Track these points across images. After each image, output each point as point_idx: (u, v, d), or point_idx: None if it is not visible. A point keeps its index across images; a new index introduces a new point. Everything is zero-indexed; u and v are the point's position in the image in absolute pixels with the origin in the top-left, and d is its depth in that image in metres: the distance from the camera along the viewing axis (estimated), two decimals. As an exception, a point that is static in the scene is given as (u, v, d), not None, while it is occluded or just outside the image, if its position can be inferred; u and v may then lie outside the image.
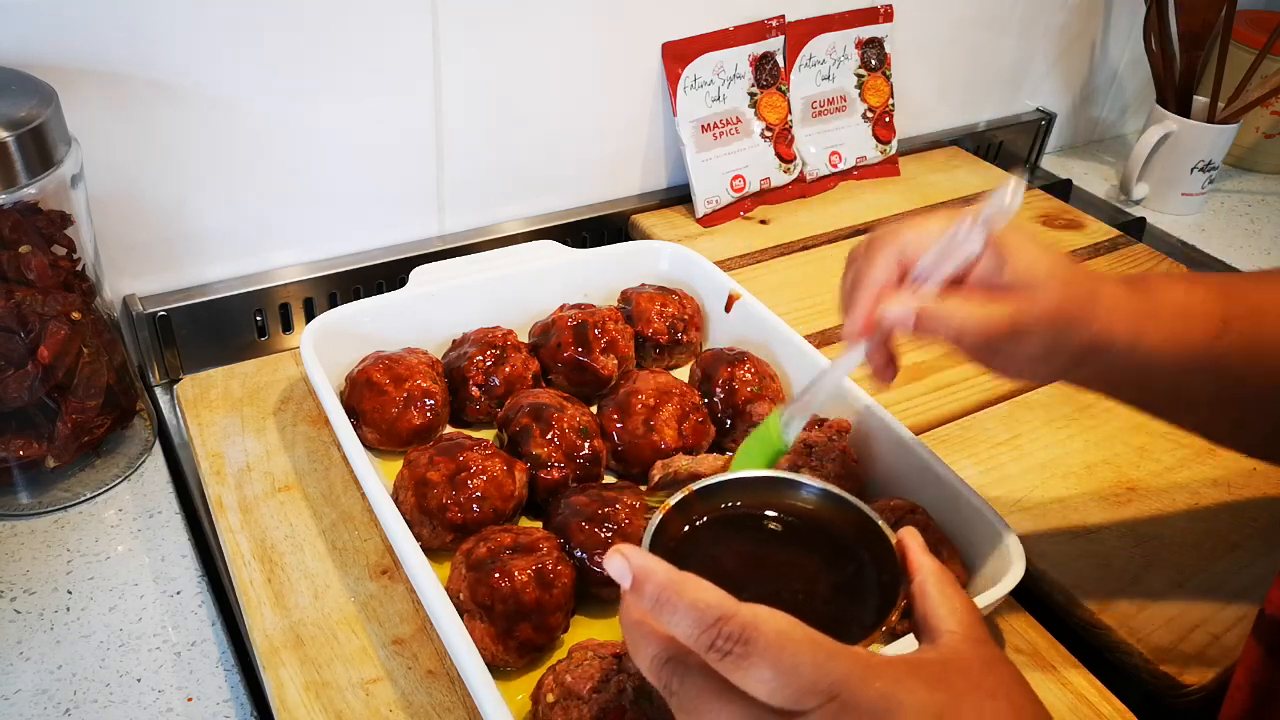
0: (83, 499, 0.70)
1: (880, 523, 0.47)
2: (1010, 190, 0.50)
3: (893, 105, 1.15)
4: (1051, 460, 0.76)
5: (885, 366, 0.54)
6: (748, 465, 0.55)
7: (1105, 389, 0.58)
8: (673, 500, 0.48)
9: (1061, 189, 1.30)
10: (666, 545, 0.46)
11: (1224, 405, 0.57)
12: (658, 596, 0.39)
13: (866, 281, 0.52)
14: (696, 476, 0.55)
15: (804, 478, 0.49)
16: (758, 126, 1.05)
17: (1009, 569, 0.57)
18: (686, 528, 0.48)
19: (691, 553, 0.46)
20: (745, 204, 1.06)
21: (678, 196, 1.06)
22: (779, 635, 0.37)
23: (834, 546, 0.48)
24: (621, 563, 0.40)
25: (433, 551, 0.62)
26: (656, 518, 0.46)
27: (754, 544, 0.48)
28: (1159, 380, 0.55)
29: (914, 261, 0.52)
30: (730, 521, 0.49)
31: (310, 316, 0.85)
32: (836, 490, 0.49)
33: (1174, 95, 1.19)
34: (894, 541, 0.46)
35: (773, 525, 0.49)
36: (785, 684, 0.36)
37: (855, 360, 0.53)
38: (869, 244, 0.54)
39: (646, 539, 0.45)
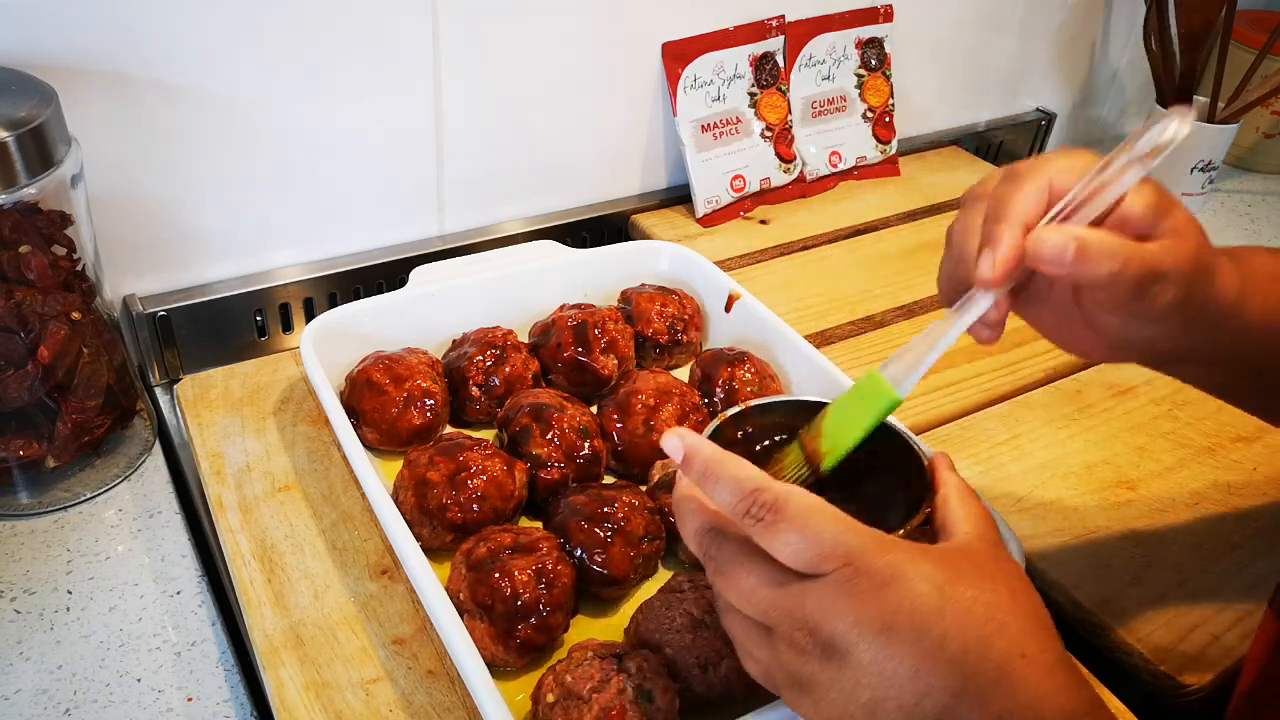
0: (83, 499, 0.70)
1: (915, 443, 0.52)
2: (1175, 123, 0.45)
3: (893, 105, 1.15)
4: (1051, 460, 0.76)
5: (999, 322, 0.49)
6: (843, 429, 0.50)
7: (1184, 362, 0.55)
8: (730, 411, 0.53)
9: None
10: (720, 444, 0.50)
11: None
12: (705, 469, 0.44)
13: (1012, 212, 0.46)
14: None
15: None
16: (758, 126, 1.05)
17: (1009, 569, 0.57)
18: (739, 434, 0.53)
19: (739, 448, 0.50)
20: (745, 204, 1.06)
21: (678, 196, 1.06)
22: (806, 507, 0.42)
23: (872, 465, 0.51)
24: (676, 440, 0.45)
25: (433, 551, 0.62)
26: (714, 424, 0.52)
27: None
28: (1250, 353, 0.53)
29: (1063, 194, 0.46)
30: (777, 435, 0.53)
31: (310, 316, 0.85)
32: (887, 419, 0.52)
33: (1174, 95, 1.19)
34: (926, 461, 0.50)
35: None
36: (807, 548, 0.41)
37: (984, 306, 0.47)
38: (1008, 175, 0.48)
39: (705, 434, 0.49)
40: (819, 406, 0.53)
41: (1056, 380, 0.85)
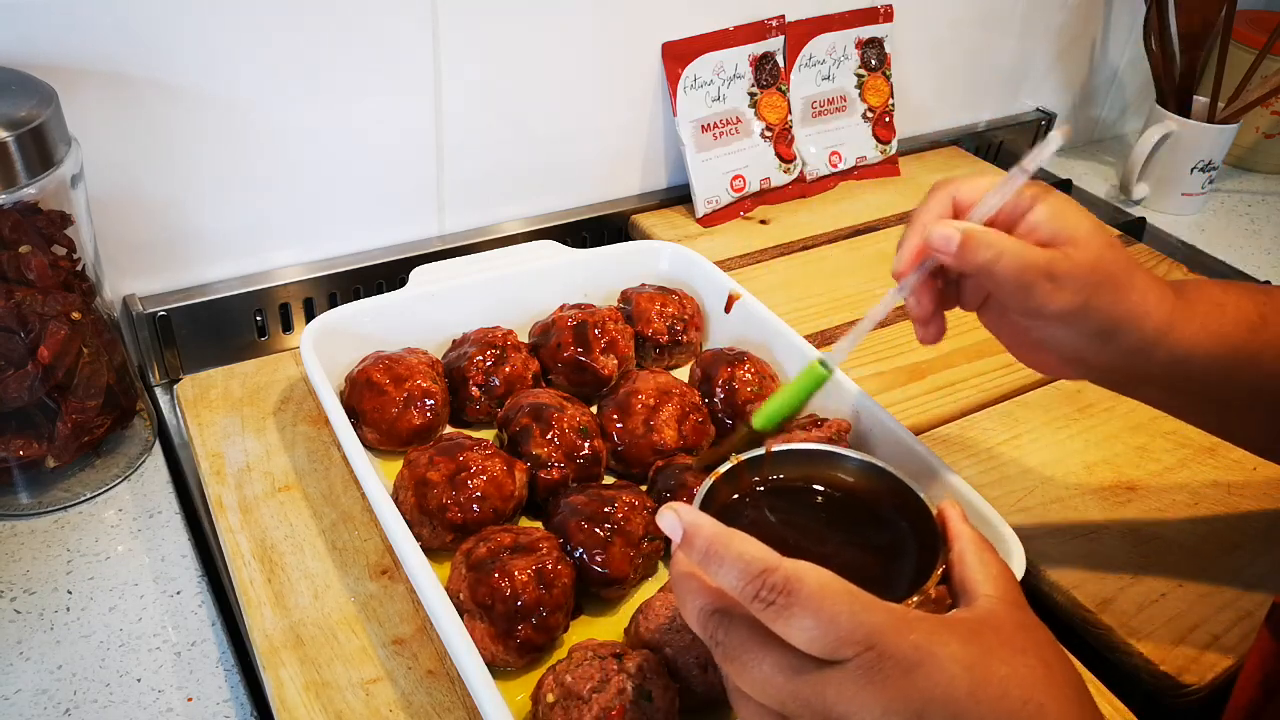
0: (83, 499, 0.70)
1: (921, 494, 0.49)
2: (1055, 137, 0.52)
3: (893, 105, 1.15)
4: (1051, 460, 0.76)
5: (930, 317, 0.55)
6: (773, 403, 0.53)
7: (1132, 383, 0.58)
8: (722, 469, 0.50)
9: (1061, 189, 1.30)
10: (715, 510, 0.48)
11: (1259, 407, 0.57)
12: (706, 550, 0.41)
13: (918, 219, 0.53)
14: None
15: (847, 451, 0.51)
16: (758, 126, 1.05)
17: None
18: (734, 495, 0.50)
19: (738, 517, 0.47)
20: (745, 204, 1.06)
21: (678, 196, 1.06)
22: (820, 587, 0.39)
23: (875, 516, 0.49)
24: (673, 518, 0.43)
25: (433, 551, 0.62)
26: (707, 484, 0.49)
27: (798, 511, 0.50)
28: (1191, 377, 0.55)
29: (967, 205, 0.53)
30: (775, 491, 0.51)
31: (310, 316, 0.85)
32: (879, 463, 0.51)
33: (1174, 95, 1.19)
34: (934, 512, 0.47)
35: (816, 495, 0.51)
36: (824, 633, 0.38)
37: (895, 299, 0.53)
38: (928, 192, 0.55)
39: (696, 502, 0.47)
40: (811, 455, 0.52)
41: (1056, 380, 0.85)
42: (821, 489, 0.51)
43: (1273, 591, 0.66)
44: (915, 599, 0.43)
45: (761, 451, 0.51)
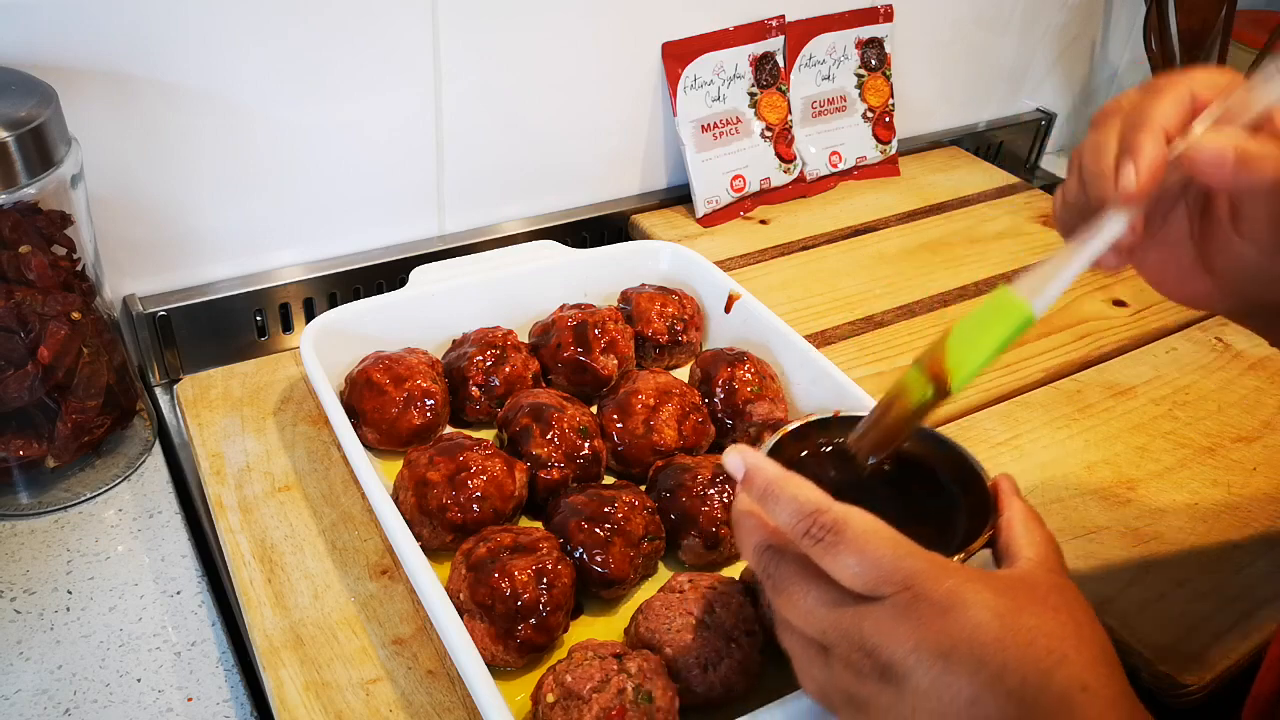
0: (83, 499, 0.70)
1: (978, 466, 0.51)
2: None
3: (893, 105, 1.15)
4: (1051, 460, 0.76)
5: (1132, 247, 0.46)
6: (972, 350, 0.47)
7: None
8: (790, 427, 0.53)
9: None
10: (779, 462, 0.50)
11: None
12: (765, 489, 0.44)
13: (1153, 120, 0.43)
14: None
15: None
16: (758, 126, 1.05)
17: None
18: (801, 452, 0.52)
19: (800, 471, 0.48)
20: (745, 204, 1.06)
21: (678, 196, 1.06)
22: (865, 529, 0.42)
23: (932, 481, 0.51)
24: (738, 458, 0.46)
25: (433, 551, 0.62)
26: (774, 439, 0.52)
27: (856, 471, 0.52)
28: None
29: (1205, 106, 0.44)
30: (839, 452, 0.53)
31: (310, 316, 0.85)
32: (940, 433, 0.53)
33: (1174, 95, 1.19)
34: (989, 482, 0.49)
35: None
36: (866, 571, 0.41)
37: (1120, 225, 0.44)
38: (1145, 88, 0.45)
39: (763, 451, 0.49)
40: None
41: (1056, 380, 0.85)
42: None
43: (1273, 591, 0.66)
44: (960, 557, 0.45)
45: (829, 415, 0.54)
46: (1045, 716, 0.39)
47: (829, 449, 0.53)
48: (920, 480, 0.52)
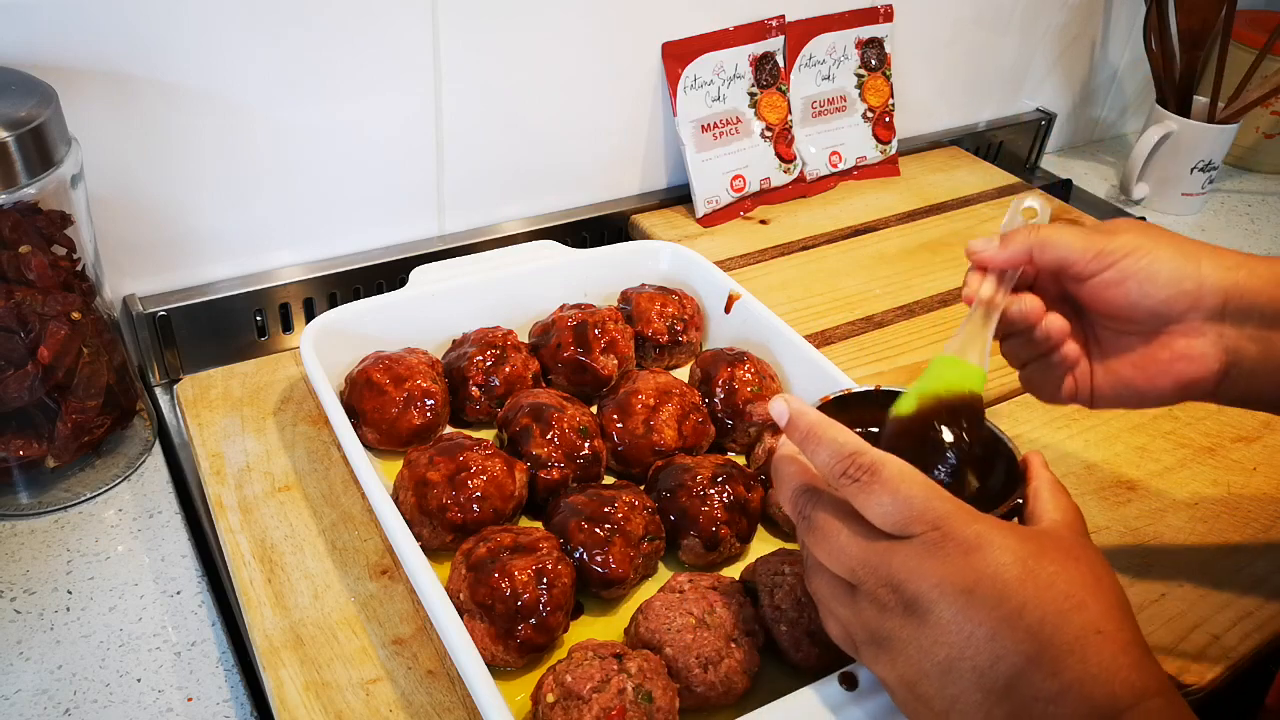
0: (83, 499, 0.70)
1: (1011, 444, 0.53)
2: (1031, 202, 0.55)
3: (893, 105, 1.15)
4: (1052, 460, 0.76)
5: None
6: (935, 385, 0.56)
7: (1249, 393, 0.56)
8: (832, 395, 0.56)
9: (1062, 189, 1.30)
10: None
11: None
12: (807, 432, 0.47)
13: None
14: None
15: None
16: (758, 126, 1.05)
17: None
18: (841, 416, 0.53)
19: None
20: (745, 204, 1.06)
21: (678, 196, 1.06)
22: (899, 472, 0.45)
23: (965, 454, 0.53)
24: (782, 404, 0.49)
25: (433, 551, 0.62)
26: (816, 404, 0.54)
27: (894, 436, 0.54)
28: None
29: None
30: (877, 422, 0.55)
31: (310, 316, 0.85)
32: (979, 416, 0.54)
33: (1174, 95, 1.19)
34: (1020, 457, 0.52)
35: (915, 428, 0.54)
36: (898, 510, 0.44)
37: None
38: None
39: None
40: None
41: (1056, 380, 0.85)
42: (920, 425, 0.54)
43: (1273, 591, 0.66)
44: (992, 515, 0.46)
45: (870, 388, 0.57)
46: (1061, 654, 0.41)
47: (869, 417, 0.55)
48: (956, 452, 0.53)
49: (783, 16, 1.04)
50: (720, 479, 0.65)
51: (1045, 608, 0.41)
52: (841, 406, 0.55)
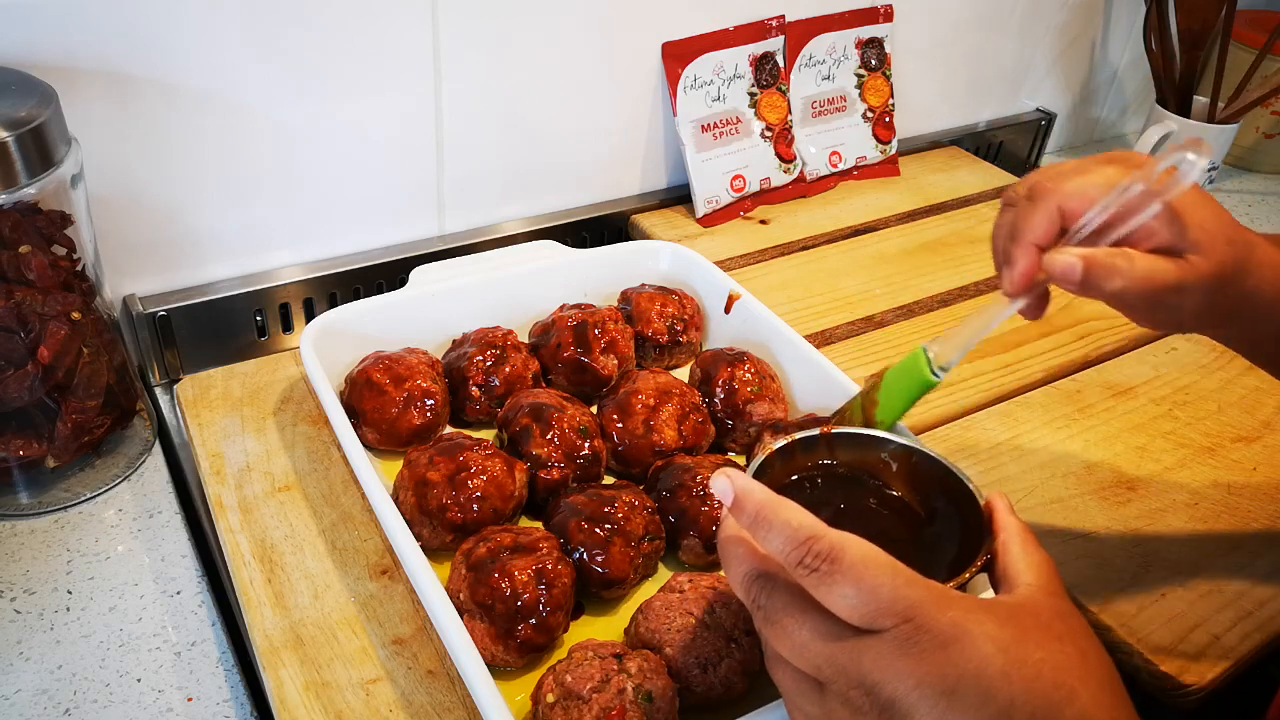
0: (83, 499, 0.70)
1: (970, 484, 0.49)
2: (1193, 162, 0.47)
3: (893, 105, 1.15)
4: (1051, 460, 0.76)
5: (1037, 307, 0.54)
6: (893, 401, 0.56)
7: (1247, 347, 0.59)
8: (776, 446, 0.51)
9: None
10: (766, 482, 0.48)
11: None
12: (755, 514, 0.42)
13: (1026, 235, 0.51)
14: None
15: (899, 437, 0.52)
16: (758, 126, 1.05)
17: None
18: (788, 473, 0.51)
19: (788, 494, 0.48)
20: (745, 204, 1.06)
21: (678, 196, 1.06)
22: (862, 557, 0.40)
23: (924, 502, 0.51)
24: (726, 482, 0.43)
25: (433, 551, 0.62)
26: (760, 458, 0.50)
27: (847, 493, 0.51)
28: None
29: (1076, 216, 0.51)
30: (827, 471, 0.52)
31: (310, 316, 0.85)
32: (931, 451, 0.52)
33: (1174, 95, 1.19)
34: (982, 502, 0.48)
35: (866, 479, 0.52)
36: (864, 602, 0.39)
37: (1011, 311, 0.53)
38: (1029, 191, 0.52)
39: (749, 473, 0.48)
40: (865, 438, 0.53)
41: (1056, 380, 0.85)
42: (872, 474, 0.52)
43: (1273, 591, 0.66)
44: (957, 582, 0.44)
45: (817, 432, 0.52)
46: None
47: (818, 469, 0.52)
48: (912, 499, 0.51)
49: (783, 16, 1.04)
50: (720, 479, 0.65)
51: (1034, 703, 0.38)
52: (787, 456, 0.51)
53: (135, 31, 0.71)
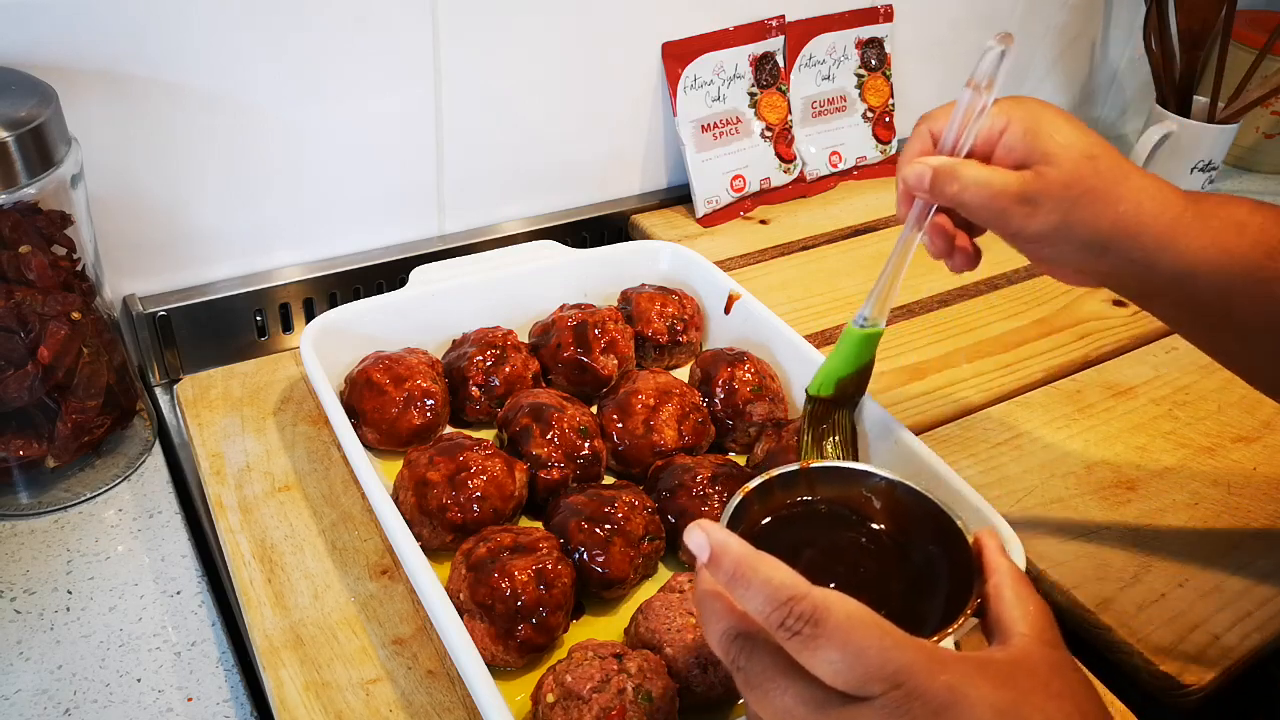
0: (83, 499, 0.70)
1: (958, 521, 0.47)
2: (989, 48, 0.52)
3: (893, 105, 1.15)
4: (1051, 460, 0.76)
5: (948, 251, 0.57)
6: (843, 365, 0.60)
7: (1144, 295, 0.57)
8: (753, 484, 0.48)
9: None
10: (744, 528, 0.47)
11: (1270, 337, 0.55)
12: (733, 572, 0.39)
13: (903, 159, 0.55)
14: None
15: (882, 471, 0.50)
16: (758, 126, 1.05)
17: (1009, 569, 0.57)
18: (765, 513, 0.49)
19: (768, 537, 0.46)
20: (745, 204, 1.06)
21: (678, 196, 1.06)
22: (848, 619, 0.37)
23: (909, 540, 0.48)
24: (701, 536, 0.40)
25: (433, 551, 0.62)
26: (736, 499, 0.47)
27: (830, 532, 0.49)
28: (1198, 293, 0.53)
29: (940, 134, 0.54)
30: (807, 510, 0.50)
31: (310, 316, 0.85)
32: (915, 486, 0.49)
33: (1174, 95, 1.19)
34: (971, 540, 0.46)
35: (849, 516, 0.50)
36: (851, 667, 0.36)
37: (910, 239, 0.55)
38: (913, 128, 0.56)
39: (725, 519, 0.46)
40: (846, 473, 0.50)
41: (1056, 380, 0.85)
42: (855, 511, 0.50)
43: (1273, 591, 0.66)
44: (948, 632, 0.42)
45: (796, 468, 0.50)
46: None
47: (798, 505, 0.50)
48: (898, 537, 0.49)
49: (783, 16, 1.04)
50: (720, 479, 0.65)
51: None
52: (765, 493, 0.49)
53: (136, 31, 0.71)
